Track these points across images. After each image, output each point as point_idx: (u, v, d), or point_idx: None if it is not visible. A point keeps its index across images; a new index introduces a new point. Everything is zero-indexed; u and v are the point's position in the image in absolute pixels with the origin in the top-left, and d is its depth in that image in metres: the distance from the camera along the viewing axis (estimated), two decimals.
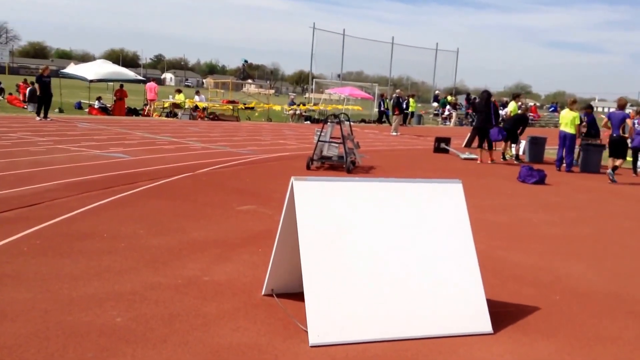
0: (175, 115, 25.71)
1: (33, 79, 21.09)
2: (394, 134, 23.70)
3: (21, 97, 25.77)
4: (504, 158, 15.96)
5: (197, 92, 30.27)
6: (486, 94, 15.81)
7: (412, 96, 33.03)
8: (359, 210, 4.06)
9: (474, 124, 20.32)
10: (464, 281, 4.10)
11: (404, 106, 27.34)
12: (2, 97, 28.46)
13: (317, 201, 4.01)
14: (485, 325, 4.03)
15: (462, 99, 39.87)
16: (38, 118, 19.08)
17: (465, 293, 4.07)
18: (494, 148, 17.28)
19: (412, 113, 32.08)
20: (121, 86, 25.78)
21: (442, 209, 4.23)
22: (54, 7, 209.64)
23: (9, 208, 6.76)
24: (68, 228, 6.10)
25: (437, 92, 43.39)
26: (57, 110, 22.75)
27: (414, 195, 4.21)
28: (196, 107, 26.82)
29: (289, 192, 4.08)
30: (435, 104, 40.03)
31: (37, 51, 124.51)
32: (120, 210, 7.05)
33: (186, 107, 26.45)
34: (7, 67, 77.94)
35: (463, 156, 15.78)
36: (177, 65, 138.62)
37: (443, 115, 36.52)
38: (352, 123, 12.98)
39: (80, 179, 8.84)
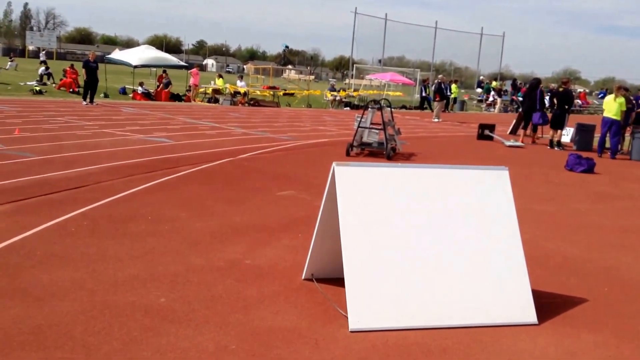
0: (216, 101, 25.96)
1: (80, 64, 21.57)
2: (436, 120, 23.37)
3: (67, 84, 26.36)
4: (551, 146, 15.58)
5: (240, 77, 30.43)
6: (534, 81, 16.00)
7: (455, 82, 32.46)
8: (401, 196, 4.01)
9: (519, 110, 20.08)
10: (509, 271, 4.01)
11: (447, 92, 26.86)
12: (51, 82, 29.19)
13: (358, 187, 3.98)
14: (530, 316, 3.95)
15: (508, 85, 38.96)
16: (84, 103, 19.51)
17: (510, 283, 3.99)
18: (539, 135, 17.02)
19: (455, 99, 31.54)
20: (164, 72, 26.14)
21: (488, 196, 4.14)
22: None
23: (57, 190, 6.94)
24: (113, 210, 6.23)
25: (481, 77, 42.49)
26: (102, 95, 23.23)
27: (458, 182, 4.13)
28: (237, 93, 27.01)
29: (330, 177, 4.06)
30: (479, 90, 39.26)
31: (84, 37, 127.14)
32: (163, 194, 7.16)
33: (227, 92, 26.66)
34: (55, 53, 79.94)
35: (508, 143, 15.46)
36: (219, 51, 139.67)
37: (487, 102, 35.80)
38: (392, 109, 12.84)
39: (125, 163, 9.02)
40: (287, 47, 60.78)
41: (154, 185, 7.59)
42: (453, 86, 30.67)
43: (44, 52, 41.29)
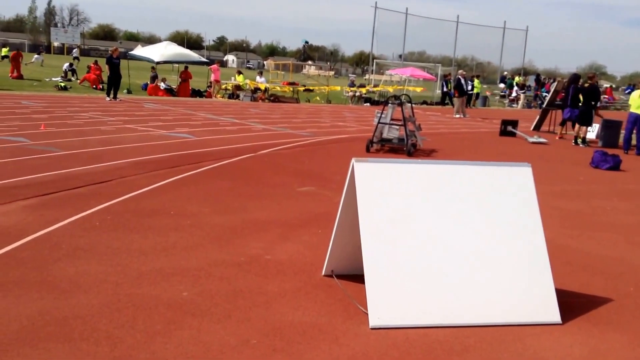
0: (237, 96, 26.07)
1: (104, 60, 21.81)
2: (457, 116, 23.15)
3: (90, 80, 26.67)
4: (575, 142, 15.36)
5: (260, 74, 30.51)
6: (573, 77, 16.38)
7: (477, 77, 32.11)
8: (422, 193, 4.00)
9: (543, 106, 19.92)
10: (532, 269, 3.98)
11: (468, 87, 26.54)
12: (75, 78, 29.56)
13: (378, 183, 3.97)
14: (554, 315, 3.91)
15: (531, 80, 38.45)
16: (108, 98, 19.72)
17: (533, 281, 3.95)
18: (564, 131, 16.91)
19: (477, 94, 31.20)
20: (186, 68, 26.32)
21: (510, 193, 4.10)
22: None
23: (82, 184, 7.05)
24: (137, 205, 6.30)
25: (504, 72, 41.97)
26: (125, 91, 23.46)
27: (479, 178, 4.11)
28: (257, 88, 27.08)
29: (350, 173, 4.06)
30: (501, 85, 38.79)
31: (106, 33, 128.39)
32: (186, 189, 7.23)
33: (247, 88, 26.75)
34: (79, 49, 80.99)
35: (531, 140, 15.27)
36: (239, 47, 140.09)
37: (510, 97, 35.38)
38: (413, 105, 12.76)
39: (148, 158, 9.12)
40: (307, 42, 60.83)
41: (177, 181, 7.66)
42: (475, 81, 30.34)
43: (75, 49, 41.55)
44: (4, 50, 41.81)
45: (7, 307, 3.62)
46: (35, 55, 29.63)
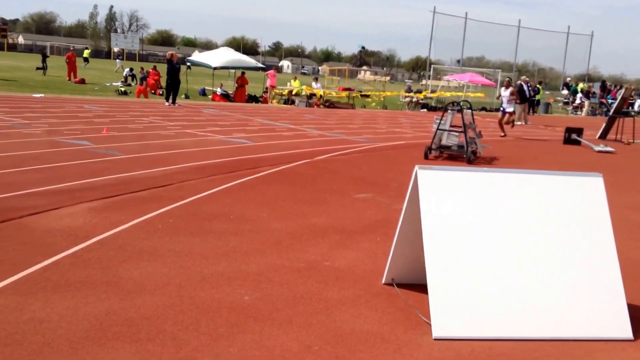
0: (292, 102, 26.30)
1: (162, 65, 22.39)
2: (518, 123, 22.57)
3: (149, 85, 27.45)
4: None
5: (316, 80, 30.68)
6: None
7: (540, 83, 31.26)
8: (487, 202, 3.91)
9: (609, 113, 19.18)
10: (602, 283, 3.82)
11: (531, 93, 25.77)
12: (135, 83, 30.52)
13: (441, 191, 3.90)
14: (625, 331, 3.74)
15: (596, 87, 37.13)
16: (167, 103, 20.22)
17: (604, 295, 3.79)
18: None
19: (539, 101, 30.35)
20: (243, 73, 26.75)
21: (580, 204, 3.96)
22: None
23: (144, 188, 7.23)
24: (197, 208, 6.42)
25: (567, 79, 40.70)
26: (183, 96, 24.03)
27: (547, 188, 3.98)
28: (312, 94, 27.23)
29: (413, 181, 4.01)
30: (564, 92, 37.62)
31: (165, 39, 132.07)
32: (244, 194, 7.32)
33: (303, 94, 26.94)
34: (138, 54, 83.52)
35: (597, 148, 14.73)
36: (294, 53, 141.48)
37: (574, 104, 34.29)
38: (473, 111, 12.52)
39: (207, 163, 9.28)
40: (363, 47, 60.71)
41: (235, 185, 7.76)
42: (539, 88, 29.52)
43: (119, 59, 42.40)
44: (86, 52, 43.58)
45: (76, 306, 3.73)
46: (117, 60, 31.03)
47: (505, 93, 16.72)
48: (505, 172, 4.06)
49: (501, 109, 17.21)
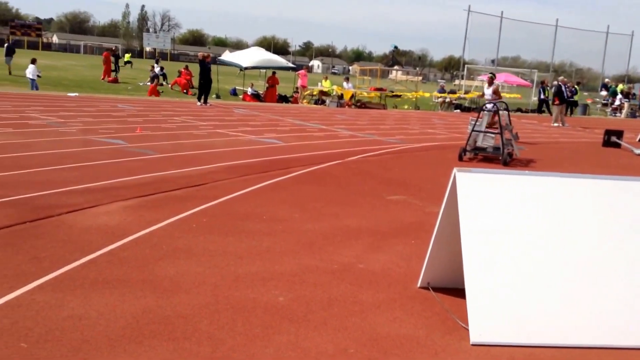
0: (322, 102, 26.28)
1: (194, 65, 22.55)
2: (556, 124, 22.13)
3: (180, 86, 27.76)
4: None
5: (347, 80, 30.60)
6: None
7: (578, 84, 30.63)
8: (528, 206, 3.83)
9: None
10: None
11: (568, 94, 25.17)
12: (166, 82, 30.86)
13: (481, 194, 3.84)
14: None
15: (637, 88, 36.17)
16: (199, 103, 20.39)
17: None
18: None
19: (577, 102, 29.73)
20: (273, 73, 26.83)
21: (628, 210, 3.84)
22: None
23: (179, 187, 7.29)
24: (230, 208, 6.45)
25: (606, 80, 39.74)
26: (214, 96, 24.21)
27: (594, 192, 3.88)
28: (343, 94, 27.15)
29: (451, 183, 3.95)
30: (603, 93, 36.75)
31: (196, 38, 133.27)
32: (276, 194, 7.32)
33: (333, 94, 26.89)
34: (169, 54, 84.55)
35: (638, 152, 14.36)
36: (325, 52, 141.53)
37: (613, 106, 33.49)
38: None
39: (239, 163, 9.33)
40: (396, 47, 60.20)
41: (268, 186, 7.78)
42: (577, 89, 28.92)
43: (158, 66, 42.80)
44: (127, 56, 44.35)
45: (113, 304, 3.77)
46: (155, 64, 31.61)
47: (488, 91, 14.43)
48: (548, 176, 3.97)
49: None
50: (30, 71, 23.25)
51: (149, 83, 28.49)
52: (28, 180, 7.05)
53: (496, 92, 14.33)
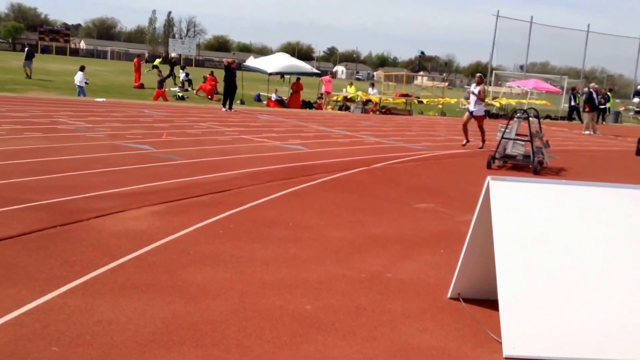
0: (347, 108, 26.24)
1: (219, 71, 22.65)
2: (587, 132, 21.74)
3: (206, 92, 27.97)
4: None
5: (372, 85, 30.52)
6: None
7: (610, 90, 30.08)
8: (563, 216, 3.74)
9: None
10: None
11: (600, 101, 24.67)
12: (191, 88, 31.11)
13: (515, 203, 3.76)
14: None
15: None
16: (224, 109, 20.51)
17: None
18: None
19: (609, 110, 29.20)
20: (298, 79, 26.90)
21: None
22: (236, 1, 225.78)
23: (205, 193, 7.31)
24: (256, 215, 6.44)
25: (638, 86, 39.00)
26: (238, 102, 24.34)
27: (631, 203, 3.77)
28: (368, 100, 27.08)
29: (484, 192, 3.87)
30: (636, 100, 36.05)
31: (221, 44, 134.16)
32: (301, 201, 7.30)
33: (358, 100, 26.84)
34: (194, 60, 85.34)
35: None
36: (349, 58, 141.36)
37: None
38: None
39: (264, 169, 9.33)
40: (422, 53, 59.88)
41: (293, 192, 7.76)
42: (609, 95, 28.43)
43: (183, 72, 43.03)
44: (157, 61, 44.87)
45: (143, 310, 3.78)
46: (181, 71, 32.00)
47: (475, 91, 13.81)
48: (584, 185, 3.87)
49: (468, 110, 14.41)
50: (78, 78, 23.57)
51: (176, 89, 28.82)
52: (57, 185, 7.13)
53: (481, 93, 13.71)
